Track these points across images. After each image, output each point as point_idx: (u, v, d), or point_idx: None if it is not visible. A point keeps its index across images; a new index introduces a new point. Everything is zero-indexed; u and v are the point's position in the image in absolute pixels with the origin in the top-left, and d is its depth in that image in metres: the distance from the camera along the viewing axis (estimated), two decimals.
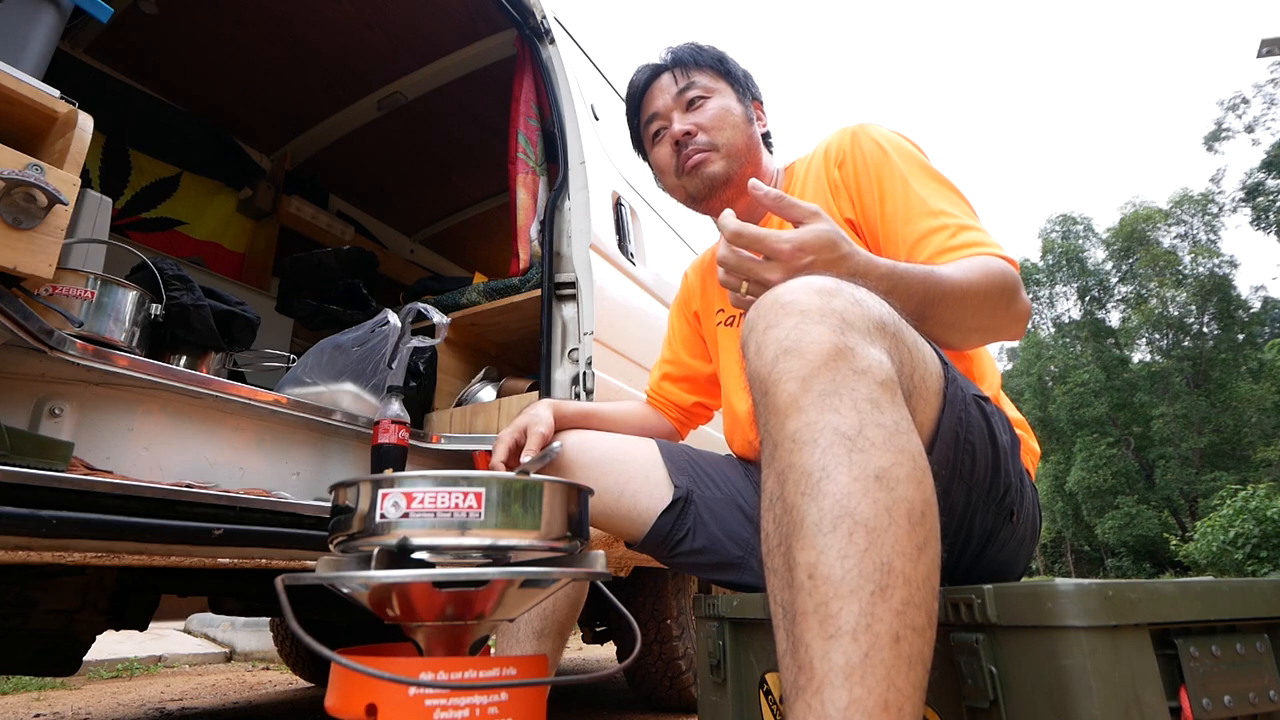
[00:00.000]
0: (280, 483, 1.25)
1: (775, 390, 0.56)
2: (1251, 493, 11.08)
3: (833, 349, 0.55)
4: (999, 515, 0.77)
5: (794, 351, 0.56)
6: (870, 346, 0.57)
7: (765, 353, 0.58)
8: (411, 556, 0.52)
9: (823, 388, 0.54)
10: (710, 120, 1.02)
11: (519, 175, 1.78)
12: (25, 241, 0.82)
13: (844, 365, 0.55)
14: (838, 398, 0.53)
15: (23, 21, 0.98)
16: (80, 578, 1.35)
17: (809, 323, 0.56)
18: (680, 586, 2.18)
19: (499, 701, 0.49)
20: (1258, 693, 0.61)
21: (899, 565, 0.48)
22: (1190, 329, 22.80)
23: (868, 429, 0.52)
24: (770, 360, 0.57)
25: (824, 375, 0.54)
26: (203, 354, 1.33)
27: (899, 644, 0.46)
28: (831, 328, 0.56)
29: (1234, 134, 20.77)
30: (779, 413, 0.55)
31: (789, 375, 0.55)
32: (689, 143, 1.02)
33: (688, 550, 0.97)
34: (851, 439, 0.52)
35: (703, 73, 1.05)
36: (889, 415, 0.54)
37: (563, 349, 1.58)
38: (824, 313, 0.57)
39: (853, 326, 0.57)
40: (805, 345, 0.55)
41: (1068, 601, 0.55)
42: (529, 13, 1.83)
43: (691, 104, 1.04)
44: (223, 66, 2.38)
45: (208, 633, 4.40)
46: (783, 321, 0.58)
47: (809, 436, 0.53)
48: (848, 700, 0.44)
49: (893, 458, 0.52)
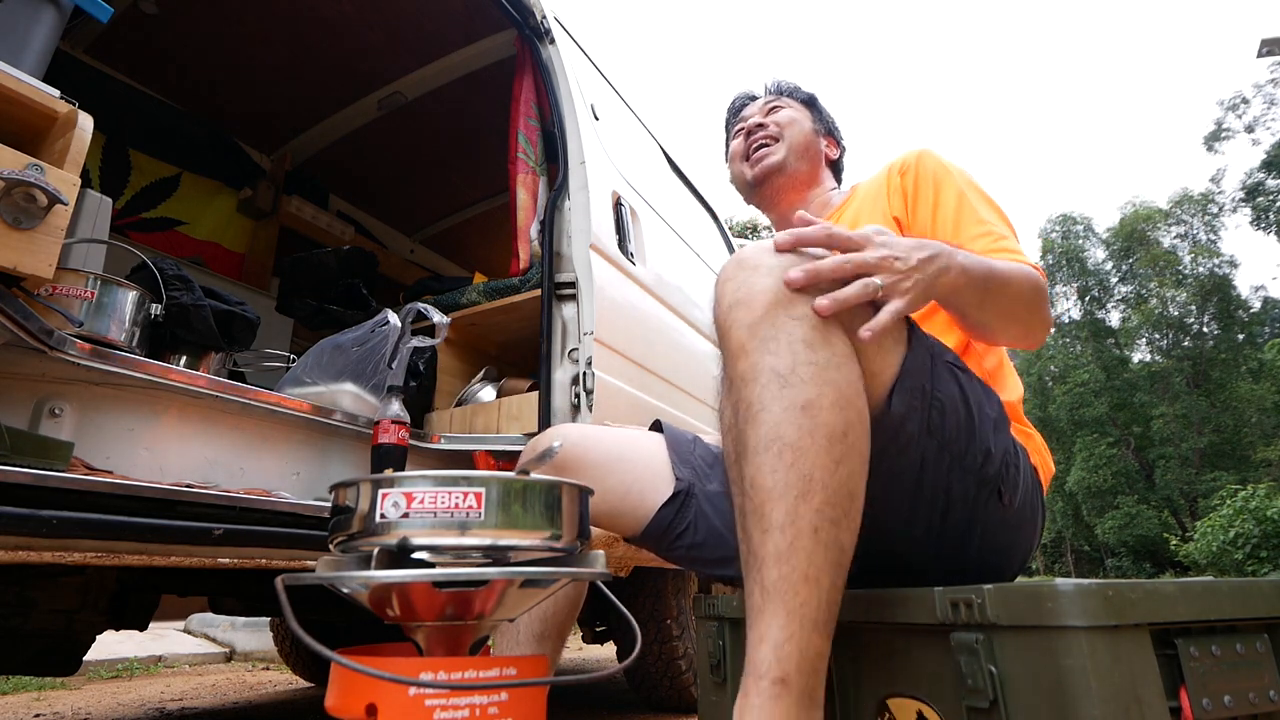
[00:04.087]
0: (280, 483, 1.25)
1: (729, 336, 0.68)
2: (1251, 493, 11.07)
3: (774, 299, 0.67)
4: (980, 486, 0.78)
5: (743, 303, 0.68)
6: (808, 293, 0.67)
7: (722, 303, 0.70)
8: (411, 556, 0.52)
9: (764, 333, 0.66)
10: (782, 118, 1.18)
11: (519, 175, 1.78)
12: (25, 241, 0.82)
13: (782, 313, 0.66)
14: (775, 342, 0.65)
15: (23, 21, 0.98)
16: (80, 578, 1.35)
17: (758, 275, 0.68)
18: (680, 586, 2.18)
19: (499, 701, 0.49)
20: (1258, 693, 0.61)
21: (818, 475, 0.62)
22: (1190, 329, 22.80)
23: (799, 367, 0.64)
24: (726, 310, 0.69)
25: (765, 323, 0.66)
26: (203, 354, 1.33)
27: (817, 534, 0.61)
28: (776, 278, 0.67)
29: (1234, 134, 20.77)
30: (732, 355, 0.68)
31: (738, 324, 0.67)
32: (758, 133, 1.17)
33: (688, 544, 0.97)
34: (784, 376, 0.64)
35: (792, 99, 1.23)
36: (820, 354, 0.65)
37: (563, 349, 1.58)
38: (772, 267, 0.68)
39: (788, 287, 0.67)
40: (753, 296, 0.67)
41: (1068, 601, 0.55)
42: (529, 13, 1.83)
43: (772, 109, 1.20)
44: (223, 66, 2.37)
45: (208, 633, 4.39)
46: (737, 275, 0.70)
47: (752, 375, 0.66)
48: (778, 575, 0.60)
49: (818, 390, 0.64)
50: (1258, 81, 23.85)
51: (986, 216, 0.95)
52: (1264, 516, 10.42)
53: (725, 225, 3.18)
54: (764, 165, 1.15)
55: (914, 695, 0.67)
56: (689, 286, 2.30)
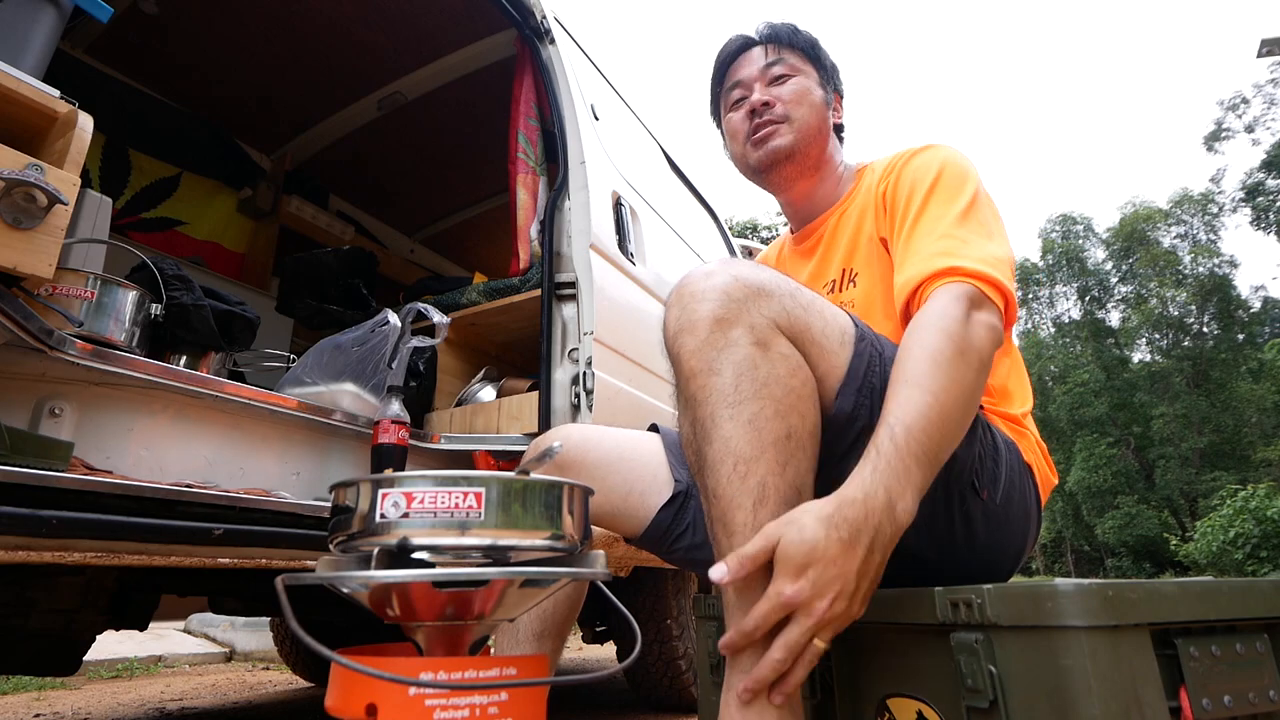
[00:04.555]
0: (280, 483, 1.25)
1: (679, 361, 0.73)
2: (1251, 493, 11.08)
3: (714, 322, 0.71)
4: (950, 480, 0.76)
5: (688, 329, 0.72)
6: (747, 312, 0.71)
7: (669, 329, 0.75)
8: (411, 556, 0.52)
9: (708, 357, 0.71)
10: (789, 95, 1.04)
11: (519, 175, 1.78)
12: (25, 241, 0.82)
13: (721, 335, 0.71)
14: (719, 362, 0.70)
15: (23, 21, 0.98)
16: (80, 578, 1.35)
17: (697, 302, 0.73)
18: (680, 586, 2.18)
19: (499, 701, 0.49)
20: (1258, 693, 0.61)
21: (771, 481, 0.67)
22: (1190, 329, 22.81)
23: (742, 384, 0.69)
24: (673, 336, 0.74)
25: (708, 348, 0.71)
26: (203, 354, 1.33)
27: None
28: (714, 303, 0.72)
29: (1234, 134, 20.78)
30: (683, 378, 0.73)
31: (686, 350, 0.72)
32: (765, 113, 1.04)
33: (686, 545, 0.96)
34: (729, 395, 0.69)
35: (794, 52, 1.07)
36: (761, 369, 0.70)
37: (563, 349, 1.58)
38: (707, 291, 0.72)
39: (731, 298, 0.71)
40: (696, 322, 0.72)
41: (1068, 601, 0.55)
42: (529, 13, 1.83)
43: (776, 79, 1.05)
44: (223, 66, 2.37)
45: (208, 633, 4.39)
46: (680, 303, 0.74)
47: (702, 397, 0.71)
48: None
49: (760, 404, 0.68)
50: (1258, 81, 23.86)
51: (943, 227, 0.85)
52: (1264, 516, 10.43)
53: (725, 225, 3.18)
54: (770, 150, 1.03)
55: (914, 695, 0.67)
56: None
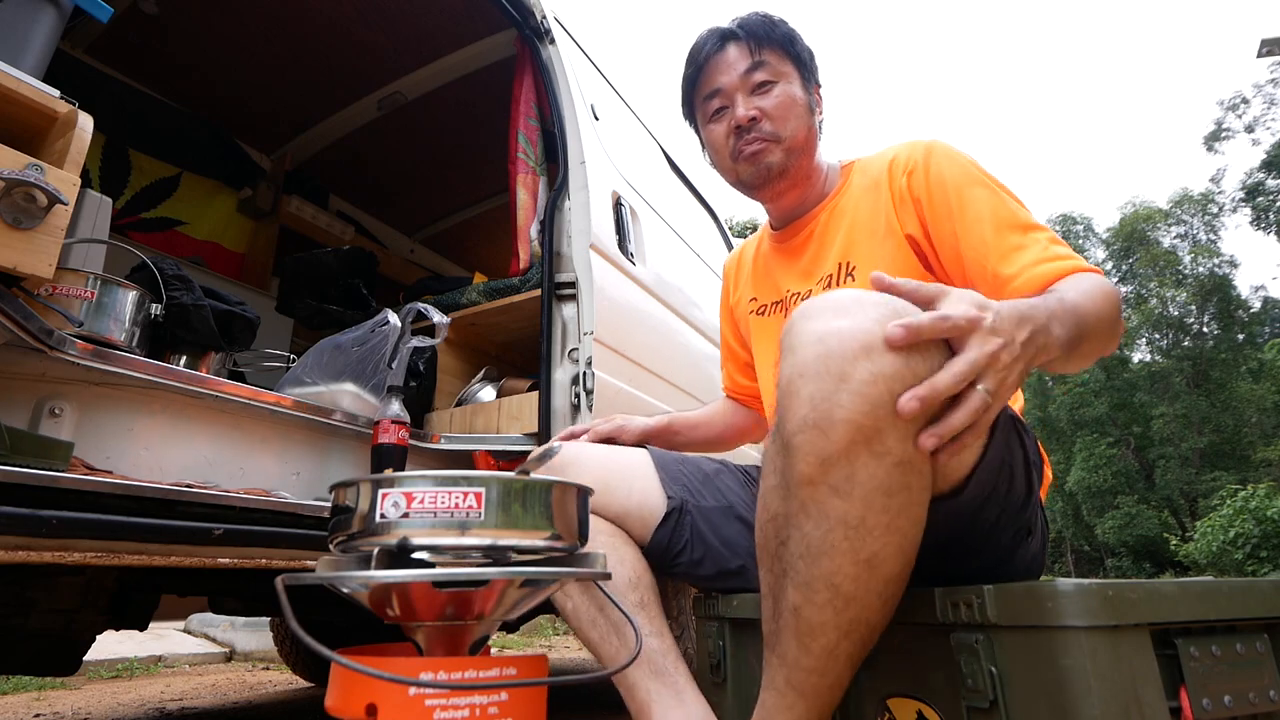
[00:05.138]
0: (280, 483, 1.24)
1: (795, 457, 0.59)
2: (1251, 493, 11.08)
3: (855, 430, 0.55)
4: (1018, 532, 0.76)
5: (819, 426, 0.56)
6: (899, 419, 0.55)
7: (794, 414, 0.58)
8: (411, 556, 0.52)
9: (839, 475, 0.57)
10: (776, 108, 0.97)
11: (519, 175, 1.78)
12: (25, 241, 0.82)
13: (865, 450, 0.56)
14: (849, 484, 0.57)
15: (23, 21, 0.98)
16: (80, 578, 1.35)
17: (844, 389, 0.56)
18: (680, 587, 2.18)
19: (499, 701, 0.49)
20: (1258, 693, 0.61)
21: (864, 617, 0.61)
22: (1190, 329, 22.79)
23: (870, 517, 0.57)
24: (796, 427, 0.58)
25: (842, 461, 0.56)
26: (203, 354, 1.33)
27: (851, 659, 0.63)
28: (865, 400, 0.55)
29: (1234, 134, 20.77)
30: (796, 475, 0.59)
31: (810, 451, 0.57)
32: (752, 128, 0.97)
33: (686, 562, 0.95)
34: (854, 527, 0.58)
35: (773, 51, 0.99)
36: (896, 499, 0.57)
37: (563, 349, 1.57)
38: (861, 378, 0.55)
39: (889, 396, 0.55)
40: (833, 423, 0.56)
41: (1068, 601, 0.55)
42: (529, 13, 1.83)
43: (759, 87, 0.98)
44: (223, 66, 2.37)
45: (208, 633, 4.39)
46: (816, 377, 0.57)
47: (818, 513, 0.59)
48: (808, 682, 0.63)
49: (884, 540, 0.58)
50: (1258, 81, 23.85)
51: (1025, 219, 0.84)
52: (1264, 516, 10.43)
53: (725, 225, 3.18)
54: (763, 169, 0.98)
55: (914, 695, 0.67)
56: (689, 286, 2.30)
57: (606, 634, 0.89)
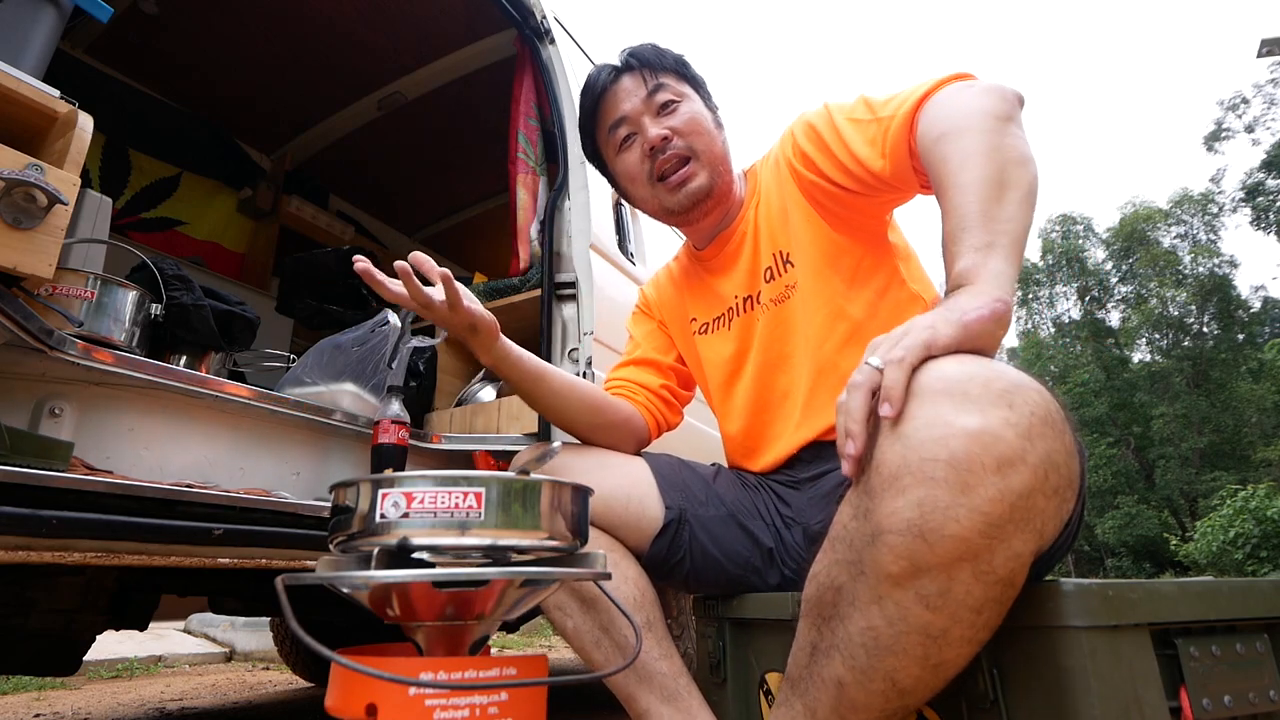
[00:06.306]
0: (280, 483, 1.24)
1: (884, 553, 0.53)
2: (1251, 493, 11.07)
3: (964, 550, 0.50)
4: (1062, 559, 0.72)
5: (924, 536, 0.50)
6: (1018, 534, 0.50)
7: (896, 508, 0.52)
8: (411, 556, 0.52)
9: (933, 585, 0.52)
10: (685, 125, 0.97)
11: (519, 175, 1.78)
12: (25, 241, 0.82)
13: (967, 569, 0.51)
14: (942, 600, 0.52)
15: (23, 21, 0.98)
16: (80, 578, 1.35)
17: (962, 507, 0.49)
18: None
19: (499, 701, 0.49)
20: (1258, 693, 0.61)
21: (911, 704, 0.59)
22: (1190, 329, 22.79)
23: (954, 630, 0.53)
24: (898, 525, 0.52)
25: (938, 578, 0.51)
26: (203, 354, 1.33)
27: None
28: (984, 520, 0.49)
29: (1234, 134, 20.76)
30: (880, 570, 0.54)
31: (905, 556, 0.52)
32: (665, 148, 0.97)
33: (685, 572, 0.94)
34: (934, 638, 0.54)
35: (667, 74, 1.00)
36: (983, 615, 0.53)
37: (563, 349, 1.58)
38: (988, 500, 0.49)
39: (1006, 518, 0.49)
40: (941, 537, 0.50)
41: (1068, 601, 0.55)
42: (529, 13, 1.83)
43: (663, 108, 0.98)
44: (223, 66, 2.38)
45: (208, 633, 4.39)
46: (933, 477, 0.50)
47: (897, 615, 0.54)
48: None
49: (959, 651, 0.55)
50: (1258, 81, 23.82)
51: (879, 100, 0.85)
52: (1264, 516, 10.43)
53: None
54: (691, 194, 0.98)
55: None
56: None
57: (612, 655, 0.87)
